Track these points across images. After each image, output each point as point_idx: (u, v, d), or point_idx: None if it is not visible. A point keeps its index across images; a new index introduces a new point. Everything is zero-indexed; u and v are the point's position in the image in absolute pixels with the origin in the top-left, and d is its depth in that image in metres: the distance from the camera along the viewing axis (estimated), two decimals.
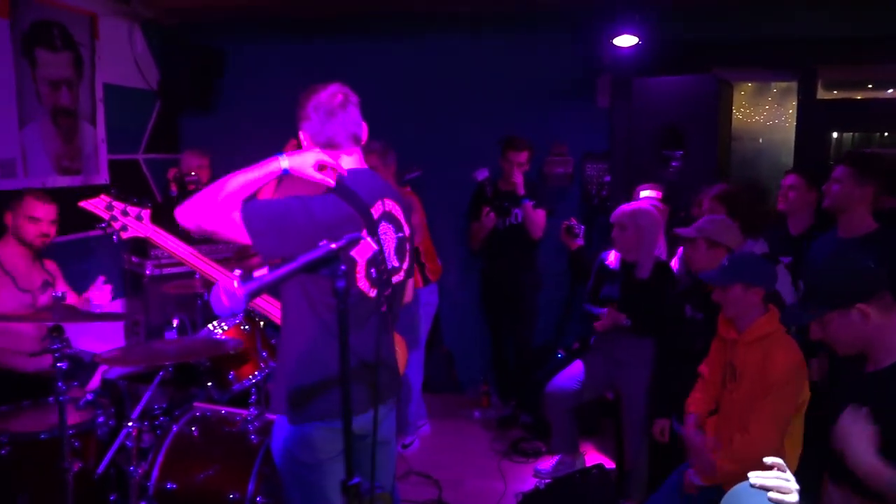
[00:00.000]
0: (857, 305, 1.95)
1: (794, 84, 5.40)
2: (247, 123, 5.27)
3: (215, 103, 5.29)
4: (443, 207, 4.88)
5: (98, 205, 2.30)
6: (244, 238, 1.81)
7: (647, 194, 4.00)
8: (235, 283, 1.27)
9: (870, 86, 6.37)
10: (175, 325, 3.34)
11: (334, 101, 2.03)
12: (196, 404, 3.09)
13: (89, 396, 2.79)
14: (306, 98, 2.06)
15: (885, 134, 5.67)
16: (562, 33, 4.82)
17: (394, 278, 2.13)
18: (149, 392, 2.74)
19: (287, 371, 2.06)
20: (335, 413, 1.85)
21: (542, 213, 4.44)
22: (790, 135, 5.85)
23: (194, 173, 4.56)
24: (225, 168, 5.55)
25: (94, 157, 4.56)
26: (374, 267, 2.02)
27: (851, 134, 5.82)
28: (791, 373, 2.47)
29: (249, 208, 1.83)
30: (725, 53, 4.79)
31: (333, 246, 1.40)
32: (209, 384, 3.26)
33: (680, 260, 3.68)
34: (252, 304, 2.21)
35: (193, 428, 2.89)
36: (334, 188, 1.99)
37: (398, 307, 2.24)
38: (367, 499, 1.43)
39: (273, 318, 2.24)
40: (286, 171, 1.89)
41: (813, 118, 4.92)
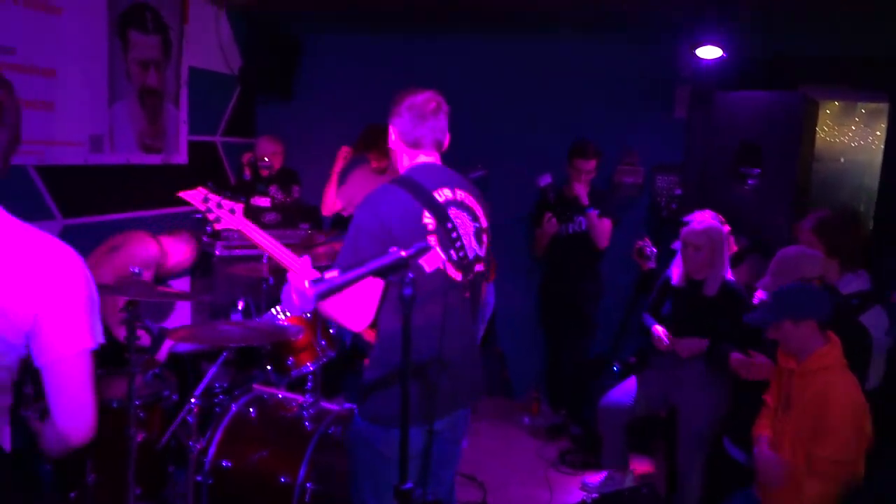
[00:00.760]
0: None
1: (884, 105, 5.15)
2: (321, 113, 5.38)
3: (293, 91, 5.41)
4: (506, 210, 4.85)
5: (195, 196, 2.39)
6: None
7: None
8: (307, 284, 1.30)
9: None
10: (240, 307, 3.45)
11: (428, 107, 2.16)
12: (255, 386, 3.18)
13: (156, 370, 2.90)
14: (402, 97, 2.19)
15: None
16: (641, 40, 4.72)
17: (475, 267, 2.20)
18: (212, 370, 2.83)
19: (381, 366, 2.09)
20: (422, 417, 1.99)
21: (608, 223, 4.37)
22: (875, 157, 5.59)
23: (267, 159, 4.68)
24: (298, 155, 5.63)
25: (175, 138, 4.73)
26: (453, 249, 2.12)
27: None
28: (848, 408, 2.41)
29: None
30: (813, 70, 4.60)
31: (403, 254, 1.41)
32: (268, 368, 3.35)
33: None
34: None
35: (251, 409, 2.98)
36: (396, 179, 2.14)
37: (478, 299, 2.29)
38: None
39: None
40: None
41: None
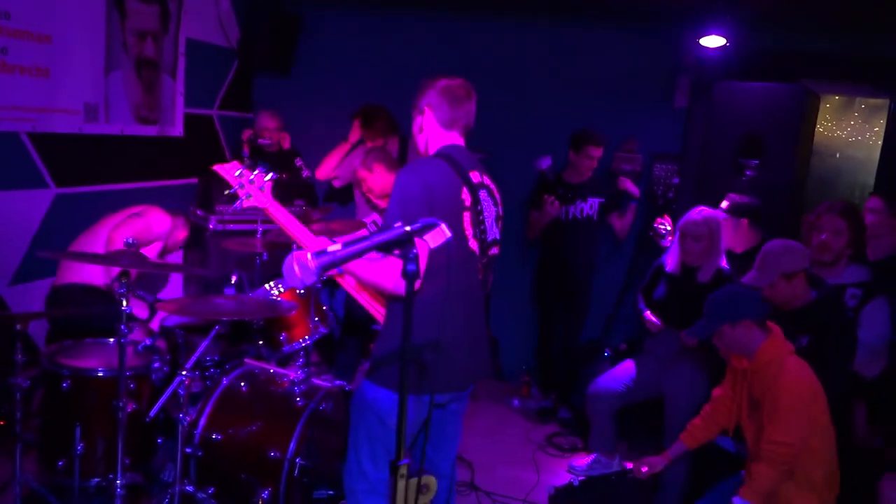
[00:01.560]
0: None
1: (884, 101, 5.16)
2: (319, 89, 5.33)
3: (291, 67, 5.35)
4: (501, 195, 4.85)
5: (230, 170, 2.37)
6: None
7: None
8: (309, 256, 1.29)
9: None
10: (234, 282, 3.43)
11: (461, 91, 2.30)
12: (247, 360, 3.17)
13: (147, 342, 2.89)
14: (434, 81, 2.31)
15: None
16: (643, 29, 4.69)
17: (490, 250, 2.30)
18: (204, 344, 2.81)
19: (393, 336, 2.13)
20: (430, 388, 2.03)
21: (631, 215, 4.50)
22: (873, 153, 5.61)
23: (267, 136, 4.63)
24: (297, 131, 5.59)
25: (171, 110, 4.68)
26: (479, 230, 2.25)
27: None
28: (794, 392, 2.49)
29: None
30: (815, 64, 4.59)
31: (407, 229, 1.40)
32: (260, 342, 3.35)
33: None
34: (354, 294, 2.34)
35: (242, 383, 2.97)
36: (437, 154, 2.26)
37: (488, 281, 2.37)
38: (416, 478, 1.45)
39: (371, 311, 2.34)
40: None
41: None
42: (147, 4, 4.31)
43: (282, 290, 3.23)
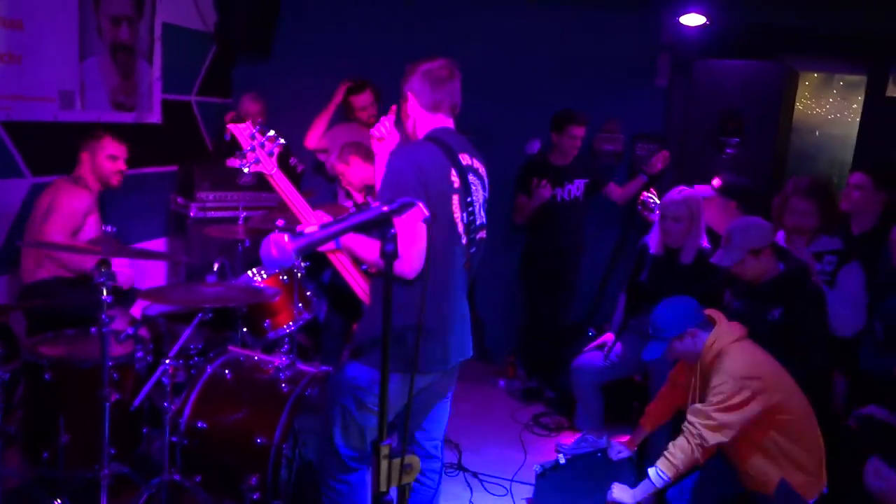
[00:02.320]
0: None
1: (862, 78, 5.19)
2: (300, 71, 5.25)
3: (271, 49, 5.28)
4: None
5: (244, 131, 2.27)
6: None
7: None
8: (286, 238, 1.28)
9: None
10: (216, 269, 3.41)
11: (443, 72, 2.29)
12: (231, 348, 3.16)
13: (130, 331, 2.86)
14: (415, 66, 2.31)
15: None
16: (623, 7, 4.67)
17: (478, 235, 2.32)
18: (187, 332, 2.80)
19: (376, 316, 2.09)
20: (414, 368, 1.96)
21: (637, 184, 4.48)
22: (851, 130, 5.65)
23: (251, 119, 4.58)
24: (279, 115, 5.54)
25: (149, 96, 4.61)
26: (466, 212, 2.25)
27: None
28: (728, 371, 2.55)
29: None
30: (794, 41, 4.61)
31: (385, 209, 1.40)
32: (244, 330, 3.34)
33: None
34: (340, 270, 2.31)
35: (227, 371, 2.96)
36: (427, 137, 2.28)
37: (474, 264, 2.39)
38: (399, 458, 1.45)
39: (354, 288, 2.32)
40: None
41: (880, 116, 4.74)
42: None
43: (265, 277, 3.22)
